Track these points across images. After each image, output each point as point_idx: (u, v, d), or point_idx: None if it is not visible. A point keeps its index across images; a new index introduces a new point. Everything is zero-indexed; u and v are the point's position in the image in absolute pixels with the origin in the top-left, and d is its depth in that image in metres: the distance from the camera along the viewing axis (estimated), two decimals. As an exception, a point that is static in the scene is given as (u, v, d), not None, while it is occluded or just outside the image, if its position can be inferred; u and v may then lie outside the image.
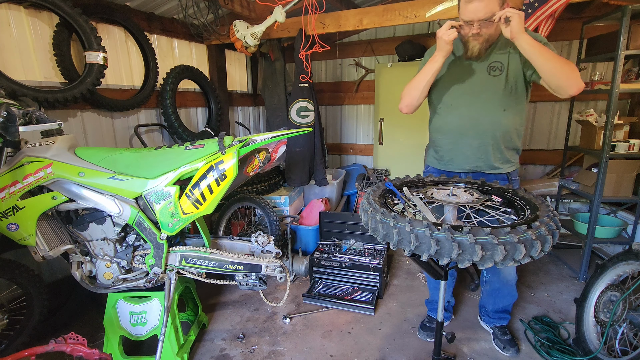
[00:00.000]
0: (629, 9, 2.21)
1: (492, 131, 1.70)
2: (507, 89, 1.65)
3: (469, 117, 1.73)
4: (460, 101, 1.74)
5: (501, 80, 1.64)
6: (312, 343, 2.08)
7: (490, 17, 1.49)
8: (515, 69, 1.63)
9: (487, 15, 1.49)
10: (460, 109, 1.74)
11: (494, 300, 2.03)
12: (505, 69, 1.63)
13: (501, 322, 2.06)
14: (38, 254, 1.67)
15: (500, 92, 1.66)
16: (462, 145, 1.76)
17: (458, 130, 1.76)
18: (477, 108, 1.70)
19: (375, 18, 2.61)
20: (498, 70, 1.64)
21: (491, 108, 1.69)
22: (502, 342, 1.98)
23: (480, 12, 1.49)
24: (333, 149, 4.56)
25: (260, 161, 1.82)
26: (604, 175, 2.49)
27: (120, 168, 1.66)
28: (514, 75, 1.63)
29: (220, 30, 2.96)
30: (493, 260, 1.01)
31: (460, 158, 1.80)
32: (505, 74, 1.63)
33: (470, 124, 1.73)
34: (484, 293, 2.08)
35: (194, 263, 1.78)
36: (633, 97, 3.14)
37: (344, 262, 2.56)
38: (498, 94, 1.66)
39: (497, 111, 1.68)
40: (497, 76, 1.64)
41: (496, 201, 1.47)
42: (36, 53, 2.13)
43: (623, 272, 1.81)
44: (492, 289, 2.00)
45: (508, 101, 1.67)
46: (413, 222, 1.09)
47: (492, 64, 1.65)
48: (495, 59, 1.65)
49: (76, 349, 1.29)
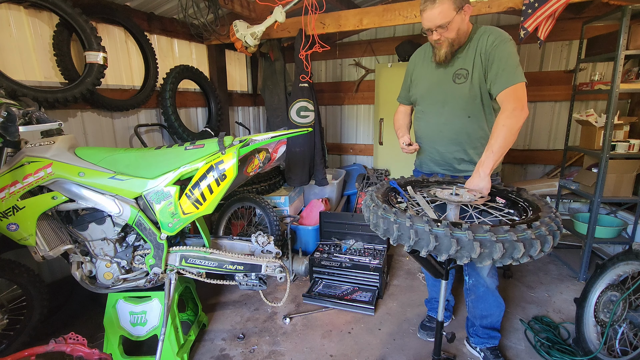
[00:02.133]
0: (629, 9, 2.21)
1: (456, 138, 1.72)
2: (472, 96, 1.65)
3: (436, 124, 1.77)
4: (429, 109, 1.80)
5: (465, 88, 1.65)
6: (312, 343, 2.08)
7: (446, 23, 1.53)
8: (480, 74, 1.62)
9: (442, 22, 1.53)
10: (429, 116, 1.80)
11: (481, 311, 1.88)
12: (469, 76, 1.63)
13: (492, 341, 1.91)
14: (38, 254, 1.67)
15: (465, 100, 1.66)
16: (431, 150, 1.83)
17: (427, 137, 1.83)
18: (443, 116, 1.74)
19: (375, 18, 2.61)
20: (463, 77, 1.65)
21: (456, 115, 1.71)
22: None
23: (435, 19, 1.54)
24: (333, 149, 4.56)
25: (260, 161, 1.82)
26: (604, 175, 2.49)
27: (120, 168, 1.66)
28: (479, 82, 1.63)
29: (220, 30, 2.96)
30: (492, 257, 1.01)
31: (431, 162, 1.87)
32: (469, 81, 1.63)
33: (437, 130, 1.77)
34: (470, 305, 1.93)
35: (194, 263, 1.78)
36: (633, 97, 3.15)
37: (344, 262, 2.56)
38: (462, 102, 1.67)
39: (462, 118, 1.70)
40: (461, 84, 1.65)
41: (500, 202, 1.47)
42: (36, 53, 2.13)
43: (623, 272, 1.82)
44: (477, 296, 1.87)
45: (473, 108, 1.67)
46: (413, 218, 1.10)
47: (457, 71, 1.66)
48: (461, 66, 1.66)
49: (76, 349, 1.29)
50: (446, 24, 1.53)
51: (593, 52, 2.73)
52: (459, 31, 1.58)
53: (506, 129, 1.47)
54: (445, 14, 1.52)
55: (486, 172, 1.46)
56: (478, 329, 1.93)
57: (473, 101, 1.66)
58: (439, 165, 1.84)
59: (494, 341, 1.92)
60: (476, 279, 1.85)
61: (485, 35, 1.61)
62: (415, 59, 1.88)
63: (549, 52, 3.40)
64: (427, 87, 1.79)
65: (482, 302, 1.86)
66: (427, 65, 1.79)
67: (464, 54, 1.65)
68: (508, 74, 1.54)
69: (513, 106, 1.50)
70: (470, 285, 1.88)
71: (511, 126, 1.48)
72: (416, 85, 1.85)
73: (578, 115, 2.82)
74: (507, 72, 1.54)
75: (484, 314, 1.88)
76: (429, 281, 2.20)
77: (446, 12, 1.52)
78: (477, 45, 1.62)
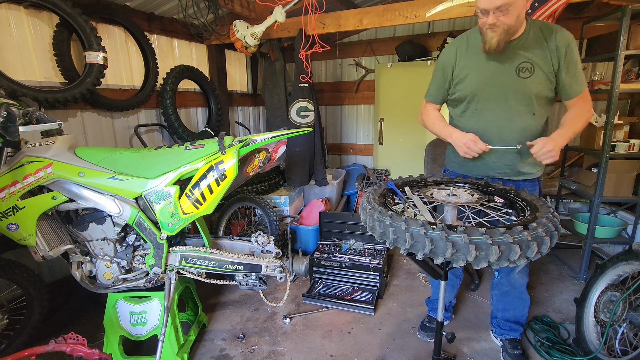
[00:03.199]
0: (629, 9, 2.21)
1: (519, 138, 1.57)
2: (538, 92, 1.52)
3: (495, 123, 1.61)
4: (486, 105, 1.62)
5: (531, 83, 1.51)
6: (312, 343, 2.08)
7: (508, 5, 1.36)
8: (548, 70, 1.49)
9: (504, 2, 1.35)
10: (486, 114, 1.62)
11: (504, 305, 1.92)
12: (534, 70, 1.49)
13: (512, 334, 1.92)
14: (38, 254, 1.67)
15: (531, 96, 1.53)
16: (488, 152, 1.60)
17: (483, 137, 1.59)
18: (505, 114, 1.58)
19: (375, 18, 2.61)
20: (527, 71, 1.50)
21: (520, 114, 1.57)
22: (511, 357, 1.85)
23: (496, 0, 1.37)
24: (333, 149, 4.56)
25: (260, 161, 1.82)
26: (604, 175, 2.49)
27: (120, 168, 1.66)
28: (546, 78, 1.50)
29: (220, 30, 2.96)
30: (488, 260, 1.01)
31: (485, 165, 1.70)
32: (536, 75, 1.50)
33: (497, 130, 1.61)
34: (494, 298, 1.97)
35: (194, 263, 1.78)
36: (633, 97, 3.14)
37: (344, 262, 2.56)
38: (527, 98, 1.54)
39: (527, 117, 1.56)
40: (526, 78, 1.51)
41: (498, 202, 1.47)
42: (36, 53, 2.13)
43: (623, 272, 1.81)
44: (500, 292, 1.91)
45: (538, 105, 1.55)
46: (408, 221, 1.10)
47: (521, 64, 1.51)
48: (524, 59, 1.51)
49: (76, 349, 1.29)
50: (507, 5, 1.36)
51: (593, 52, 2.73)
52: (518, 18, 1.42)
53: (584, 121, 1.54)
54: None
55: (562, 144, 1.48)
56: (500, 321, 1.98)
57: (538, 98, 1.54)
58: (495, 169, 1.68)
59: (515, 333, 1.93)
60: (505, 276, 1.88)
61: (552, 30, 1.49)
62: (456, 50, 1.67)
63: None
64: (481, 81, 1.60)
65: (506, 297, 1.91)
66: (475, 57, 1.60)
67: (526, 44, 1.51)
68: (581, 79, 1.54)
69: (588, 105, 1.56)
70: (497, 281, 1.93)
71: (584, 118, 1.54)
72: (464, 80, 1.64)
73: (578, 115, 2.82)
74: (581, 77, 1.54)
75: (506, 307, 1.93)
76: (434, 282, 2.19)
77: None
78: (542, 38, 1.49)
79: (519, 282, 1.86)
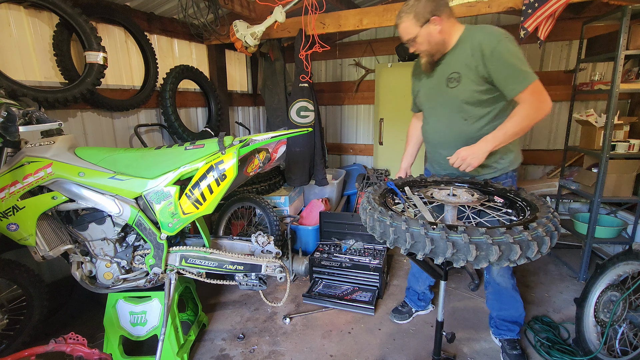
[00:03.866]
0: (629, 9, 2.21)
1: (455, 142, 1.71)
2: (466, 99, 1.64)
3: (436, 129, 1.81)
4: (429, 114, 1.85)
5: (458, 92, 1.64)
6: (312, 343, 2.08)
7: (412, 38, 1.62)
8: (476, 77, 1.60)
9: (408, 37, 1.62)
10: (431, 121, 1.84)
11: (499, 305, 1.96)
12: (462, 78, 1.63)
13: (509, 334, 1.96)
14: (38, 254, 1.67)
15: (459, 103, 1.66)
16: (436, 154, 1.85)
17: (431, 141, 1.87)
18: (441, 121, 1.77)
19: (375, 18, 2.61)
20: (455, 81, 1.65)
21: (452, 120, 1.71)
22: (510, 358, 1.88)
23: (402, 35, 1.64)
24: (333, 149, 4.56)
25: (260, 161, 1.82)
26: (604, 175, 2.49)
27: (120, 168, 1.66)
28: (474, 85, 1.61)
29: (220, 30, 2.96)
30: (488, 260, 1.01)
31: (438, 166, 1.90)
32: (462, 84, 1.63)
33: (438, 135, 1.81)
34: (488, 297, 2.02)
35: (194, 263, 1.78)
36: (633, 97, 3.15)
37: (344, 262, 2.56)
38: (456, 105, 1.67)
39: (458, 122, 1.70)
40: (454, 87, 1.65)
41: (498, 202, 1.47)
42: (36, 53, 2.13)
43: (623, 272, 1.82)
44: (493, 290, 1.96)
45: (469, 110, 1.66)
46: (409, 221, 1.10)
47: (450, 75, 1.66)
48: (452, 70, 1.65)
49: (76, 349, 1.29)
50: (412, 39, 1.62)
51: (593, 52, 2.73)
52: (431, 42, 1.62)
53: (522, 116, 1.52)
54: (408, 31, 1.61)
55: (487, 148, 1.53)
56: (497, 321, 2.01)
57: (468, 104, 1.65)
58: (445, 170, 1.84)
59: (512, 334, 1.97)
60: (490, 276, 1.94)
61: (476, 38, 1.58)
62: (414, 69, 1.94)
63: (549, 52, 3.41)
64: (425, 94, 1.83)
65: (498, 296, 1.96)
66: (422, 74, 1.83)
67: (453, 57, 1.65)
68: (519, 74, 1.52)
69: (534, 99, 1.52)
70: (486, 280, 1.99)
71: (528, 115, 1.52)
72: (418, 94, 1.90)
73: (578, 115, 2.82)
74: (518, 72, 1.52)
75: (501, 307, 1.97)
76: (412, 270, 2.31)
77: (408, 28, 1.60)
78: (468, 47, 1.59)
79: (503, 285, 1.90)
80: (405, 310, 2.28)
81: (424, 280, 2.23)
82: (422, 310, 2.32)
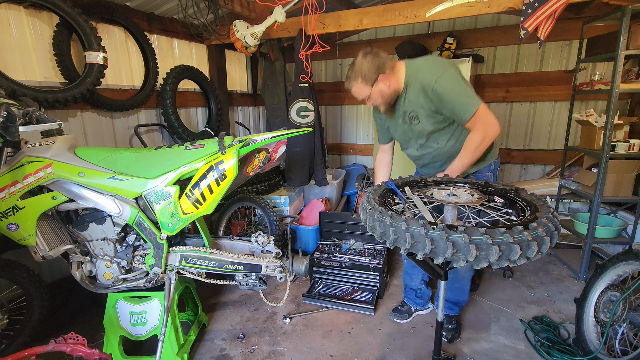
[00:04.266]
0: (629, 9, 2.21)
1: (435, 162, 1.93)
2: (431, 130, 1.80)
3: (417, 156, 1.99)
4: (406, 145, 2.00)
5: (422, 126, 1.80)
6: (312, 343, 2.08)
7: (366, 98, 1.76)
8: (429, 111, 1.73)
9: (362, 97, 1.77)
10: (410, 150, 2.00)
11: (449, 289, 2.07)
12: (419, 115, 1.77)
13: (449, 312, 2.12)
14: (38, 254, 1.67)
15: (426, 134, 1.82)
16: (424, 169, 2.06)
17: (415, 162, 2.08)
18: (419, 150, 1.93)
19: (375, 18, 2.61)
20: (416, 118, 1.79)
21: (427, 147, 1.89)
22: (445, 330, 2.06)
23: (357, 96, 1.78)
24: (333, 149, 4.56)
25: (260, 161, 1.82)
26: (604, 175, 2.49)
27: (120, 168, 1.66)
28: (431, 117, 1.75)
29: (220, 30, 2.96)
30: (488, 260, 1.01)
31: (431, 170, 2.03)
32: (422, 120, 1.78)
33: (420, 160, 2.00)
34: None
35: (194, 263, 1.78)
36: (633, 97, 3.14)
37: (344, 262, 2.56)
38: (425, 136, 1.84)
39: (433, 147, 1.87)
40: (417, 124, 1.80)
41: (498, 202, 1.47)
42: (36, 53, 2.13)
43: (623, 272, 1.82)
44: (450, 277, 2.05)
45: (438, 137, 1.83)
46: (409, 221, 1.10)
47: (409, 113, 1.80)
48: (409, 109, 1.79)
49: (76, 349, 1.29)
50: (366, 98, 1.76)
51: (593, 52, 2.73)
52: (384, 96, 1.75)
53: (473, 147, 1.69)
54: (361, 92, 1.74)
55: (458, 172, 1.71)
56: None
57: (434, 133, 1.81)
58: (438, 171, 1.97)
59: (452, 312, 2.14)
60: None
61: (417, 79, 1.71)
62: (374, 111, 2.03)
63: (549, 52, 3.40)
64: (395, 131, 1.98)
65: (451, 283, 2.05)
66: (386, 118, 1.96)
67: (407, 100, 1.78)
68: (461, 107, 1.65)
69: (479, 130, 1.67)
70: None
71: (477, 145, 1.68)
72: (389, 130, 2.03)
73: (578, 115, 2.82)
74: (460, 105, 1.65)
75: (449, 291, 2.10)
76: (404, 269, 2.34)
77: (361, 90, 1.73)
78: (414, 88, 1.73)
79: (461, 274, 2.04)
80: (405, 309, 2.29)
81: (417, 275, 2.27)
82: (422, 308, 2.33)
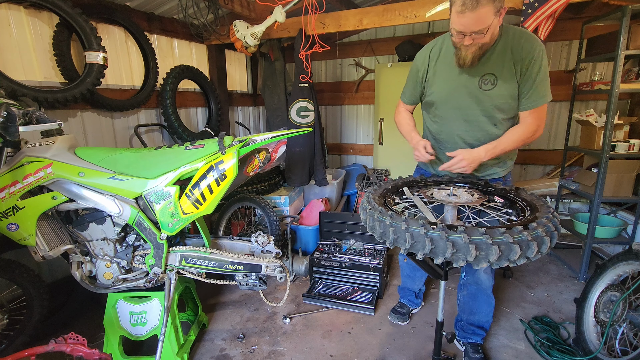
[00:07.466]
0: (629, 9, 2.21)
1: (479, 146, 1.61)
2: (500, 104, 1.55)
3: (457, 131, 1.67)
4: (449, 114, 1.67)
5: (492, 95, 1.54)
6: (312, 343, 2.08)
7: (485, 29, 1.36)
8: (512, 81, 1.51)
9: (480, 28, 1.36)
10: (449, 122, 1.68)
11: (470, 308, 1.90)
12: (497, 81, 1.52)
13: (475, 338, 1.92)
14: (38, 254, 1.67)
15: (491, 108, 1.56)
16: (440, 154, 1.74)
17: (443, 141, 1.74)
18: (464, 125, 1.64)
19: (375, 18, 2.61)
20: (490, 83, 1.53)
21: (481, 123, 1.61)
22: None
23: (473, 25, 1.36)
24: (333, 149, 4.56)
25: (260, 161, 1.82)
26: (604, 175, 2.49)
27: (120, 168, 1.66)
28: (508, 89, 1.52)
29: (220, 30, 2.96)
30: (488, 260, 1.01)
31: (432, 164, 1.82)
32: (497, 87, 1.53)
33: (459, 137, 1.67)
34: (461, 300, 1.94)
35: (194, 263, 1.78)
36: (633, 97, 3.15)
37: (344, 262, 2.56)
38: (489, 110, 1.57)
39: (487, 127, 1.61)
40: (488, 90, 1.53)
41: (498, 202, 1.47)
42: (36, 53, 2.13)
43: (623, 272, 1.82)
44: (468, 293, 1.89)
45: (499, 116, 1.58)
46: (408, 221, 1.10)
47: (484, 76, 1.54)
48: (488, 70, 1.53)
49: (76, 349, 1.29)
50: (485, 29, 1.36)
51: (593, 52, 2.73)
52: (493, 36, 1.44)
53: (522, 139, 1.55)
54: (484, 20, 1.34)
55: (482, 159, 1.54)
56: (464, 325, 1.96)
57: (499, 109, 1.56)
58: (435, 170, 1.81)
59: (477, 338, 1.93)
60: (471, 277, 1.86)
61: (520, 40, 1.48)
62: (429, 56, 1.70)
63: (549, 52, 3.40)
64: (446, 90, 1.64)
65: (473, 299, 1.89)
66: (445, 65, 1.63)
67: (492, 56, 1.52)
68: (539, 94, 1.51)
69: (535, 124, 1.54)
70: (464, 282, 1.91)
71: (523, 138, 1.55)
72: (433, 87, 1.69)
73: (578, 115, 2.82)
74: (538, 92, 1.50)
75: (472, 311, 1.91)
76: (404, 272, 2.28)
77: (485, 17, 1.34)
78: (509, 48, 1.49)
79: (486, 284, 1.82)
80: (404, 310, 2.28)
81: (420, 278, 2.23)
82: (417, 307, 2.33)
